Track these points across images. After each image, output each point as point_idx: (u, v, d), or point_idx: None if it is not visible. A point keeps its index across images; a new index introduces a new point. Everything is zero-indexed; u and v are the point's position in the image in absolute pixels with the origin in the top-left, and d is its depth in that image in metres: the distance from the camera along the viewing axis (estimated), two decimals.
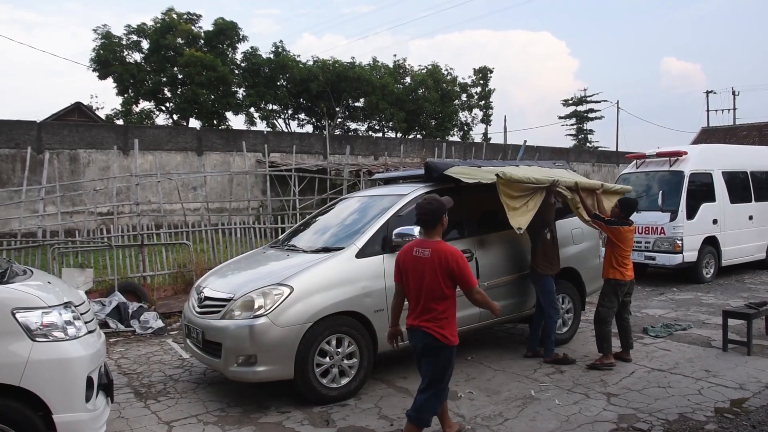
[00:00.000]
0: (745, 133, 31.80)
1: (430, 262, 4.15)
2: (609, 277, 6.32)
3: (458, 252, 4.21)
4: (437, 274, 4.11)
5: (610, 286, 6.32)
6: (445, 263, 4.10)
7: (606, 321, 6.27)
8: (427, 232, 4.32)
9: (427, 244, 4.24)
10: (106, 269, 10.15)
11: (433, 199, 4.39)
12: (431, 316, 4.18)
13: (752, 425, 4.66)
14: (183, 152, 24.17)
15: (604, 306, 6.32)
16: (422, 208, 4.32)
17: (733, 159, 12.59)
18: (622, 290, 6.33)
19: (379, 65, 36.58)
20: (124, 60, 31.19)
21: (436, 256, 4.13)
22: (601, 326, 6.27)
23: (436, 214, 4.27)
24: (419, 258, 4.21)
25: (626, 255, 6.28)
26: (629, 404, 5.13)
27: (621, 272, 6.25)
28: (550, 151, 32.62)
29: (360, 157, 27.13)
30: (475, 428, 4.73)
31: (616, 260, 6.25)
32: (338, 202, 7.39)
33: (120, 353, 7.26)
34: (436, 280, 4.12)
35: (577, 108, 54.80)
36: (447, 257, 4.11)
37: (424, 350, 4.26)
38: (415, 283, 4.24)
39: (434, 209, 4.28)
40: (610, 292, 6.32)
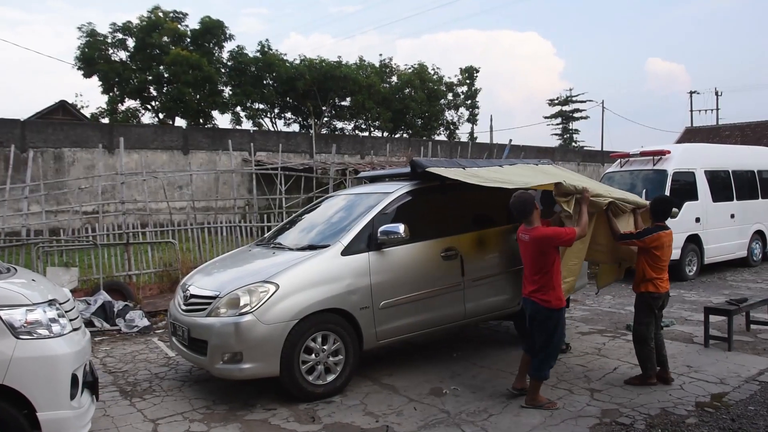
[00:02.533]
0: (728, 133, 32.16)
1: (531, 245, 5.00)
2: (641, 290, 5.64)
3: (551, 232, 4.99)
4: (536, 253, 4.97)
5: (644, 300, 5.63)
6: (541, 245, 4.93)
7: (645, 339, 5.58)
8: (526, 221, 5.10)
9: (526, 231, 5.06)
10: (92, 268, 10.09)
11: (521, 194, 5.11)
12: (535, 287, 5.01)
13: (731, 418, 4.74)
14: (169, 151, 24.04)
15: (640, 323, 5.64)
16: (514, 205, 5.12)
17: (716, 158, 12.74)
18: (656, 304, 5.63)
19: (366, 64, 36.63)
20: (109, 58, 31.01)
21: (534, 240, 4.97)
22: (641, 346, 5.61)
23: (527, 206, 5.02)
24: (523, 242, 5.11)
25: (663, 265, 5.59)
26: (612, 399, 5.20)
27: (655, 284, 5.56)
28: (536, 150, 32.76)
29: (346, 156, 27.12)
30: (460, 424, 4.77)
31: (649, 271, 5.57)
32: (324, 200, 7.41)
33: (105, 352, 7.24)
34: (536, 258, 4.99)
35: (563, 108, 55.16)
36: (542, 240, 4.93)
37: (531, 317, 5.12)
38: (524, 261, 5.18)
39: (524, 201, 5.04)
40: (644, 307, 5.64)
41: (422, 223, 6.17)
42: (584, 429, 4.63)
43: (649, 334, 5.60)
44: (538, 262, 4.99)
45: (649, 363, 5.58)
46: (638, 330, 5.67)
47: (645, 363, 5.61)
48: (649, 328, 5.61)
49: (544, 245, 4.93)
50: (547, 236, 4.94)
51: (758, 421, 4.69)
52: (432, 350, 6.88)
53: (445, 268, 6.19)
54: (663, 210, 5.66)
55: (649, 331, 5.60)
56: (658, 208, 5.67)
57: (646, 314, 5.63)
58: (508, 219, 6.94)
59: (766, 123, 31.81)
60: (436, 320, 6.17)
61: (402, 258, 5.91)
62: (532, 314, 5.11)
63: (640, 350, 5.64)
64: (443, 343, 7.17)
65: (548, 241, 4.93)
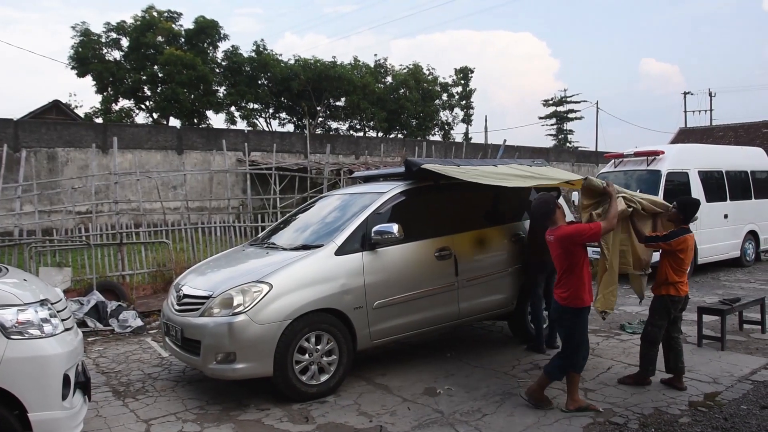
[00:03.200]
0: (722, 134, 32.30)
1: (556, 245, 4.93)
2: (662, 293, 5.49)
3: (573, 229, 4.91)
4: (562, 252, 4.90)
5: (663, 302, 5.50)
6: (565, 243, 4.86)
7: (654, 341, 5.51)
8: (548, 222, 5.05)
9: (551, 232, 4.99)
10: (85, 268, 10.05)
11: (541, 196, 5.16)
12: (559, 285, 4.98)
13: (724, 417, 4.75)
14: (163, 151, 24.01)
15: (654, 325, 5.52)
16: (535, 208, 5.17)
17: (709, 159, 12.78)
18: (676, 307, 5.53)
19: (361, 65, 36.66)
20: (103, 58, 30.95)
21: (558, 240, 4.90)
22: (648, 346, 5.53)
23: (548, 207, 5.02)
24: (550, 243, 5.03)
25: (685, 268, 5.47)
26: (606, 399, 5.20)
27: (676, 287, 5.43)
28: (531, 150, 32.83)
29: (341, 156, 27.13)
30: (454, 424, 4.76)
31: (671, 274, 5.42)
32: (318, 200, 7.39)
33: (98, 352, 7.21)
34: (562, 258, 4.91)
35: (558, 108, 55.34)
36: (566, 239, 4.85)
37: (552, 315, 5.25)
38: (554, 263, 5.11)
39: (545, 202, 5.07)
40: (661, 310, 5.51)
41: (416, 222, 6.16)
42: (578, 428, 4.63)
43: (660, 336, 5.51)
44: (564, 261, 4.90)
45: (651, 366, 5.53)
46: (650, 331, 5.54)
47: (647, 364, 5.54)
48: (662, 330, 5.51)
49: (568, 243, 4.84)
50: (570, 234, 4.85)
51: (751, 420, 4.70)
52: (426, 350, 6.87)
53: (439, 268, 6.19)
54: (690, 212, 5.48)
55: (661, 333, 5.51)
56: (686, 210, 5.48)
57: (662, 317, 5.50)
58: (502, 219, 6.97)
59: (759, 124, 31.96)
60: (430, 320, 6.16)
61: (396, 258, 5.90)
62: (552, 312, 5.20)
63: (646, 351, 5.54)
64: (437, 342, 7.16)
65: (571, 238, 4.84)
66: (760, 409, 4.95)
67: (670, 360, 5.57)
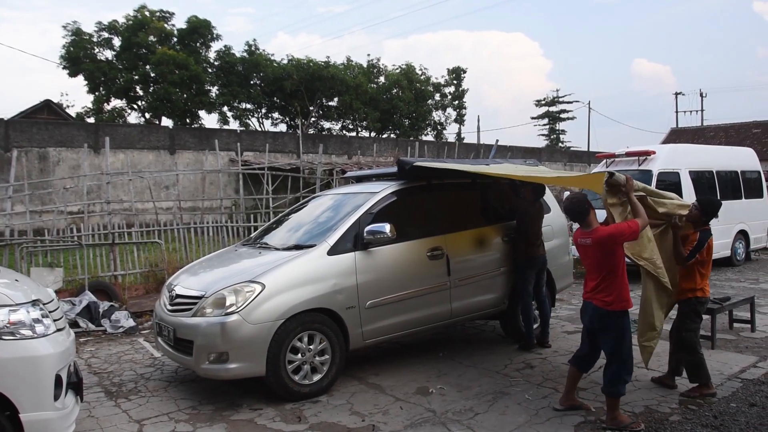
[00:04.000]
0: (713, 134, 32.53)
1: (594, 248, 4.64)
2: (689, 296, 5.34)
3: (613, 229, 4.62)
4: (602, 255, 4.63)
5: (691, 305, 5.34)
6: (606, 245, 4.58)
7: (695, 347, 5.28)
8: (583, 224, 4.75)
9: (586, 234, 4.69)
10: (76, 268, 10.02)
11: (574, 196, 4.82)
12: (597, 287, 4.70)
13: (714, 415, 4.79)
14: (155, 151, 23.94)
15: (688, 330, 5.32)
16: (568, 208, 4.83)
17: (700, 158, 12.85)
18: (703, 309, 5.44)
19: (354, 65, 36.67)
20: (95, 57, 30.84)
21: (597, 242, 4.61)
22: (691, 355, 5.28)
23: (582, 207, 4.69)
24: (583, 246, 4.74)
25: (709, 269, 5.40)
26: (597, 398, 5.22)
27: (703, 290, 5.35)
28: (523, 150, 32.93)
29: (333, 156, 27.13)
30: (446, 423, 4.78)
31: (698, 279, 5.31)
32: (310, 199, 7.40)
33: (90, 352, 7.18)
34: (601, 261, 4.65)
35: (550, 108, 55.46)
36: (607, 240, 4.58)
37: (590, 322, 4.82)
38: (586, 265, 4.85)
39: (579, 202, 4.72)
40: (691, 313, 5.35)
41: (408, 222, 6.19)
42: (569, 427, 4.66)
43: (698, 340, 5.34)
44: (605, 264, 4.63)
45: (702, 371, 5.25)
46: (687, 338, 5.30)
47: (698, 372, 5.26)
48: (697, 333, 5.35)
49: (610, 244, 4.58)
50: (612, 234, 4.57)
51: (740, 418, 4.74)
52: (418, 349, 6.89)
53: (431, 268, 6.21)
54: (712, 212, 5.31)
55: (696, 336, 5.33)
56: (707, 209, 5.29)
57: (693, 319, 5.34)
58: (494, 218, 7.00)
59: (750, 124, 32.21)
60: (423, 320, 6.18)
61: (388, 258, 5.92)
62: (591, 319, 4.78)
63: (690, 359, 5.29)
64: (429, 342, 7.18)
65: (612, 239, 4.57)
66: (749, 406, 5.00)
67: (673, 360, 5.51)
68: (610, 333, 4.67)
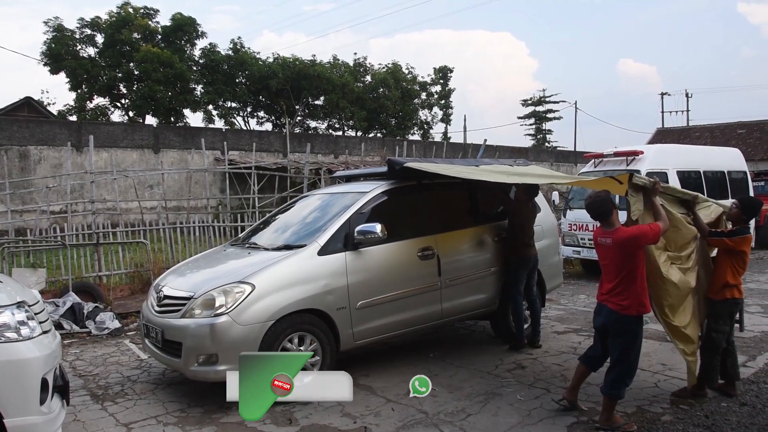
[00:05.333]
0: (698, 134, 32.89)
1: (614, 248, 4.54)
2: (726, 296, 5.14)
3: (636, 231, 4.52)
4: (621, 256, 4.52)
5: (727, 306, 5.18)
6: (627, 246, 4.49)
7: (718, 349, 5.16)
8: (604, 224, 4.65)
9: (607, 234, 4.60)
10: (60, 269, 9.86)
11: (597, 194, 4.70)
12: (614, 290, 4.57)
13: (705, 415, 4.81)
14: (139, 150, 23.69)
15: (718, 331, 5.16)
16: (590, 207, 4.68)
17: (687, 159, 12.93)
18: (737, 310, 5.30)
19: (340, 63, 36.57)
20: (77, 54, 30.44)
21: (618, 243, 4.51)
22: (712, 355, 5.16)
23: (606, 206, 4.59)
24: (603, 246, 4.66)
25: (745, 269, 5.22)
26: (589, 398, 5.21)
27: (739, 289, 5.17)
28: (510, 150, 33.01)
29: (320, 155, 27.01)
30: (438, 424, 4.75)
31: (733, 276, 5.12)
32: (299, 199, 7.33)
33: (75, 355, 7.06)
34: (620, 262, 4.53)
35: (536, 108, 55.59)
36: (628, 242, 4.48)
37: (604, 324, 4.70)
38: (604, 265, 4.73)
39: (602, 201, 4.61)
40: (725, 314, 5.19)
41: (399, 222, 6.14)
42: (562, 428, 4.65)
43: (722, 343, 5.19)
44: (623, 265, 4.53)
45: (715, 374, 5.21)
46: (715, 339, 5.15)
47: (711, 373, 5.20)
48: (724, 336, 5.19)
49: (631, 246, 4.49)
50: (634, 236, 4.48)
51: (731, 417, 4.77)
52: (409, 350, 6.85)
53: (422, 268, 6.17)
54: (752, 211, 5.23)
55: (723, 339, 5.19)
56: (748, 209, 5.20)
57: (726, 322, 5.20)
58: (485, 218, 6.98)
59: (735, 125, 32.59)
60: (414, 320, 6.14)
61: (379, 258, 5.88)
62: (605, 321, 4.67)
63: (710, 359, 5.18)
64: (420, 343, 7.14)
65: (635, 241, 4.47)
66: (740, 405, 5.02)
67: (728, 366, 5.28)
68: (621, 338, 4.59)
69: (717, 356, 5.16)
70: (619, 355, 4.61)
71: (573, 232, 12.12)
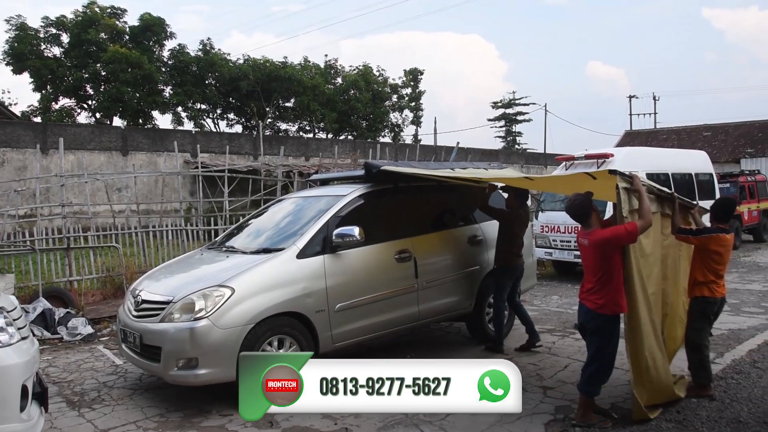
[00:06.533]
0: (665, 137, 33.63)
1: (591, 249, 4.69)
2: (696, 294, 5.30)
3: (609, 233, 4.58)
4: (597, 257, 4.64)
5: (698, 304, 5.30)
6: (602, 248, 4.59)
7: (698, 346, 5.29)
8: (584, 225, 4.80)
9: (585, 235, 4.74)
10: (28, 274, 9.68)
11: (576, 197, 4.81)
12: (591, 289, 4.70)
13: (677, 410, 4.96)
14: (107, 152, 23.31)
15: (693, 329, 5.31)
16: (570, 209, 4.83)
17: (656, 161, 13.23)
18: (711, 309, 5.31)
19: (311, 65, 36.49)
20: (41, 54, 29.79)
21: (593, 245, 4.64)
22: (693, 353, 5.32)
23: (585, 207, 4.74)
24: (582, 246, 4.82)
25: (719, 269, 5.26)
26: (565, 396, 5.34)
27: (710, 288, 5.23)
28: (481, 152, 33.30)
29: (291, 157, 26.92)
30: (419, 424, 4.81)
31: (704, 273, 5.24)
32: (276, 203, 7.34)
33: (48, 361, 6.95)
34: (596, 262, 4.66)
35: (506, 110, 56.22)
36: (602, 244, 4.58)
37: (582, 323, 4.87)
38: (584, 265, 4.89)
39: (579, 204, 4.76)
40: (698, 313, 5.30)
41: (376, 225, 6.21)
42: (539, 426, 4.75)
43: (703, 340, 5.31)
44: (600, 266, 4.64)
45: (703, 371, 5.30)
46: (691, 336, 5.32)
47: (698, 371, 5.32)
48: (703, 333, 5.31)
49: (605, 248, 4.57)
50: (606, 238, 4.56)
51: (701, 412, 4.93)
52: (387, 352, 6.88)
53: (399, 271, 6.24)
54: (724, 212, 5.39)
55: (703, 337, 5.31)
56: (719, 209, 5.41)
57: (700, 320, 5.29)
58: (460, 221, 7.07)
59: (701, 127, 33.42)
60: (391, 322, 6.20)
61: (357, 260, 5.93)
62: (583, 319, 4.83)
63: (694, 358, 5.33)
64: (397, 345, 7.19)
65: (608, 243, 4.56)
66: (709, 400, 5.18)
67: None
68: (597, 335, 4.71)
69: (699, 354, 5.28)
70: (594, 353, 4.73)
71: (545, 234, 12.31)
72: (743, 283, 11.18)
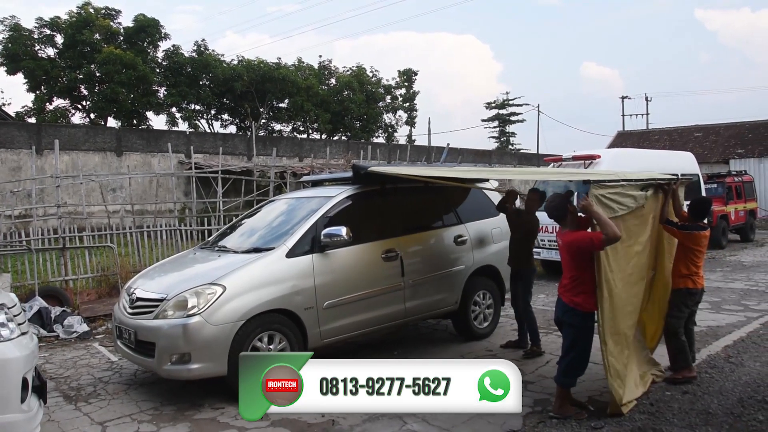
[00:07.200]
0: (657, 137, 33.93)
1: (563, 249, 4.96)
2: (680, 286, 5.70)
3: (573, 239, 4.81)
4: (569, 256, 4.89)
5: (681, 295, 5.70)
6: (570, 249, 4.85)
7: (676, 332, 5.68)
8: (561, 225, 5.05)
9: (560, 235, 5.02)
10: (25, 273, 9.85)
11: (553, 198, 5.06)
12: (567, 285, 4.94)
13: (651, 403, 5.17)
14: (101, 153, 23.41)
15: (673, 317, 5.72)
16: (547, 209, 5.06)
17: (643, 162, 13.37)
18: (693, 299, 5.76)
19: (305, 66, 36.61)
20: (36, 55, 29.83)
21: (564, 245, 4.92)
22: (674, 339, 5.70)
23: (561, 208, 4.97)
24: (559, 244, 5.08)
25: (699, 263, 5.68)
26: (544, 390, 5.54)
27: (693, 280, 5.66)
28: (473, 153, 33.54)
29: (284, 158, 27.07)
30: (402, 416, 5.00)
31: (687, 267, 5.65)
32: (267, 203, 7.53)
33: (44, 358, 7.12)
34: (569, 261, 4.92)
35: (500, 111, 56.36)
36: (570, 246, 4.84)
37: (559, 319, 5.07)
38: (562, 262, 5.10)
39: (556, 205, 4.99)
40: (680, 302, 5.71)
41: (364, 225, 6.40)
42: (517, 417, 4.93)
43: (681, 327, 5.70)
44: (572, 265, 4.91)
45: (681, 356, 5.68)
46: (670, 322, 5.71)
47: (676, 356, 5.71)
48: (680, 321, 5.70)
49: (572, 250, 4.84)
50: (571, 241, 4.84)
51: (673, 404, 5.14)
52: (373, 349, 7.08)
53: (386, 269, 6.43)
54: (700, 210, 5.77)
55: (680, 323, 5.70)
56: (696, 208, 5.75)
57: (680, 309, 5.70)
58: (446, 221, 7.27)
59: (692, 128, 33.73)
60: (378, 319, 6.39)
61: (344, 259, 6.12)
62: (560, 315, 5.04)
63: (672, 344, 5.71)
64: (383, 342, 7.38)
65: (573, 246, 4.82)
66: (682, 393, 5.41)
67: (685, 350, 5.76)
68: (571, 329, 4.93)
69: (677, 339, 5.67)
70: (569, 345, 4.95)
71: None
72: (726, 282, 11.41)
